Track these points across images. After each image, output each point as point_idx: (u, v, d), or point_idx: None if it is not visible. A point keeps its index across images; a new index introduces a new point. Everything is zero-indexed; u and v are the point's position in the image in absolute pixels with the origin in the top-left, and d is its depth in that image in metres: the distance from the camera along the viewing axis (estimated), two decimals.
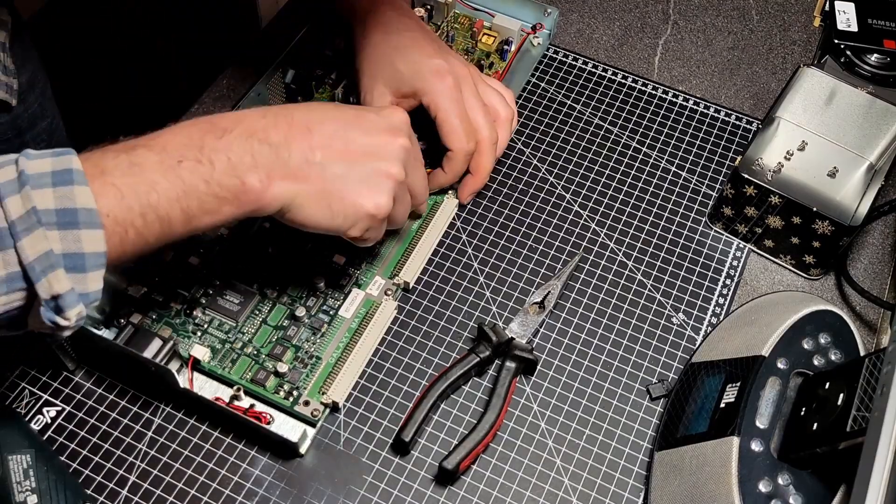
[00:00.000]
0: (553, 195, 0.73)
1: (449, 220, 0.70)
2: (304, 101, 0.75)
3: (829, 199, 0.64)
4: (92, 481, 0.57)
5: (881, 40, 0.74)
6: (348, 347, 0.62)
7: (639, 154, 0.76)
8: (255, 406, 0.59)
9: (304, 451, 0.59)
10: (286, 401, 0.59)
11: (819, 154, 0.66)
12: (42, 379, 0.61)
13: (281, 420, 0.59)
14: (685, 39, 0.85)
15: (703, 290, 0.68)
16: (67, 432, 0.59)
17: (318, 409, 0.59)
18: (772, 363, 0.56)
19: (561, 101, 0.79)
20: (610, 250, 0.70)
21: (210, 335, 0.62)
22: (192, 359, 0.60)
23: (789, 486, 0.52)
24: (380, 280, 0.65)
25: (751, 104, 0.80)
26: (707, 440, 0.55)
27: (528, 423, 0.61)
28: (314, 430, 0.59)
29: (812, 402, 0.54)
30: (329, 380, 0.60)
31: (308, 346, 0.62)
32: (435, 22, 0.79)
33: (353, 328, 0.63)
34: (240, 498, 0.57)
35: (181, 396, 0.60)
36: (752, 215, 0.68)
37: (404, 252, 0.67)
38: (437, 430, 0.60)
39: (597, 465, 0.59)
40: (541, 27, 0.81)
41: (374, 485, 0.58)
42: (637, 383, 0.63)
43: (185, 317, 0.63)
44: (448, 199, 0.70)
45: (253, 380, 0.60)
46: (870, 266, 0.71)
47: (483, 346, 0.61)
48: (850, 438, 0.49)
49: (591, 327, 0.65)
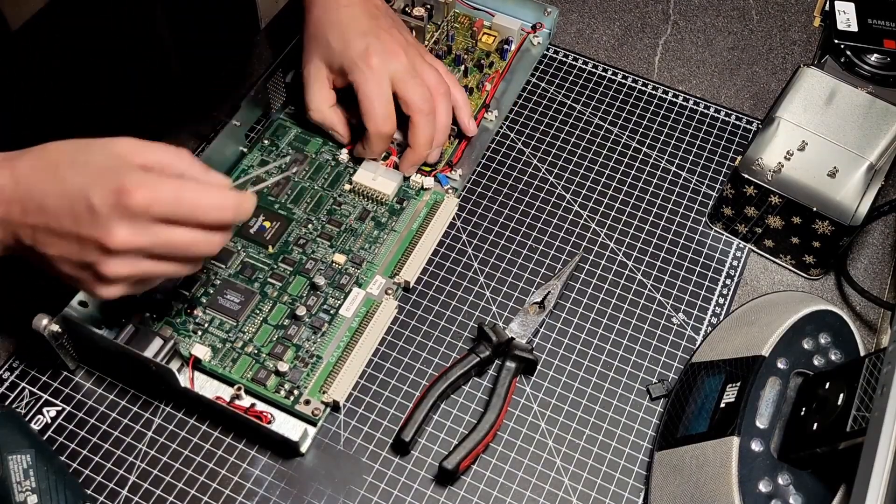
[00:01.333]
0: (553, 195, 0.73)
1: (449, 219, 0.70)
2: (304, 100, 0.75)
3: (829, 199, 0.64)
4: (92, 481, 0.57)
5: (881, 40, 0.74)
6: (349, 346, 0.62)
7: (639, 154, 0.76)
8: (256, 405, 0.59)
9: (305, 451, 0.59)
10: (287, 400, 0.59)
11: (819, 154, 0.66)
12: (42, 379, 0.61)
13: (282, 419, 0.59)
14: (685, 39, 0.85)
15: (703, 290, 0.68)
16: (67, 432, 0.59)
17: (319, 408, 0.59)
18: (772, 363, 0.56)
19: (561, 101, 0.79)
20: (610, 250, 0.70)
21: (211, 334, 0.62)
22: (192, 358, 0.60)
23: (789, 486, 0.52)
24: (380, 279, 0.65)
25: (751, 104, 0.80)
26: (707, 440, 0.55)
27: (528, 423, 0.61)
28: (315, 429, 0.59)
29: (812, 402, 0.54)
30: (330, 379, 0.60)
31: (309, 346, 0.62)
32: (435, 21, 0.79)
33: (353, 327, 0.63)
34: (240, 498, 0.57)
35: (182, 396, 0.60)
36: (752, 215, 0.68)
37: (404, 252, 0.67)
38: (437, 430, 0.60)
39: (597, 465, 0.59)
40: (541, 27, 0.81)
41: (374, 485, 0.58)
42: (637, 383, 0.63)
43: (185, 316, 0.63)
44: (448, 199, 0.70)
45: (254, 379, 0.60)
46: (870, 266, 0.71)
47: (483, 346, 0.61)
48: (850, 438, 0.49)
49: (591, 327, 0.65)
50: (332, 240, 0.67)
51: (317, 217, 0.69)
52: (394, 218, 0.69)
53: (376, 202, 0.70)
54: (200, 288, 0.64)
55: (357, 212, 0.69)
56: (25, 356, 0.62)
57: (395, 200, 0.70)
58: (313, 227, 0.68)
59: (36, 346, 0.62)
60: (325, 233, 0.68)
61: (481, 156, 0.74)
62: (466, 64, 0.78)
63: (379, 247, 0.67)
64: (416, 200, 0.70)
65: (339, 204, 0.70)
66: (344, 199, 0.70)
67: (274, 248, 0.66)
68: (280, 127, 0.74)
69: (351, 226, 0.68)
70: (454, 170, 0.72)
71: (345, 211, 0.69)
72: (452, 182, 0.72)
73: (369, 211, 0.69)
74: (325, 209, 0.69)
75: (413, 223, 0.69)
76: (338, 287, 0.65)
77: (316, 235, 0.67)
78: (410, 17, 0.76)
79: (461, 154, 0.73)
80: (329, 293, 0.64)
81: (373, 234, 0.68)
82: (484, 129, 0.75)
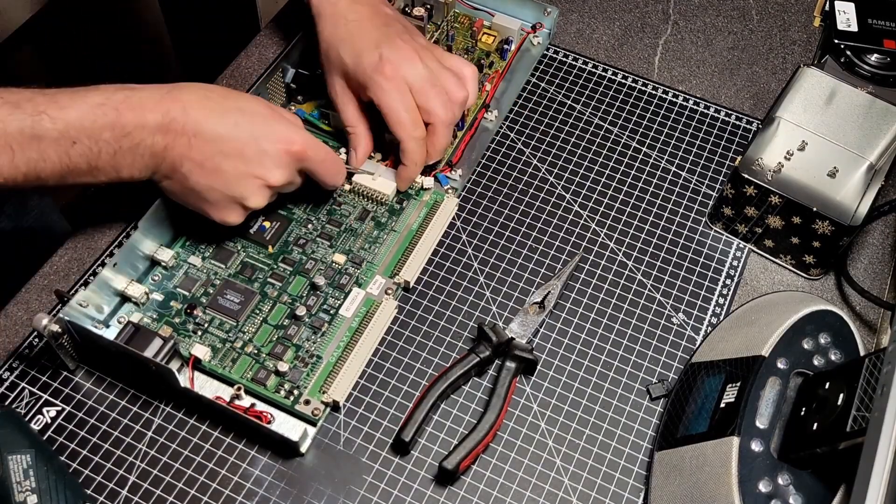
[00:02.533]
0: (553, 195, 0.73)
1: (449, 219, 0.70)
2: (305, 101, 0.75)
3: (829, 199, 0.64)
4: (92, 481, 0.57)
5: (881, 40, 0.74)
6: (349, 346, 0.62)
7: (639, 154, 0.76)
8: (256, 405, 0.59)
9: (305, 450, 0.59)
10: (287, 400, 0.59)
11: (819, 154, 0.66)
12: (42, 379, 0.61)
13: (281, 419, 0.59)
14: (685, 39, 0.85)
15: (703, 290, 0.68)
16: (67, 432, 0.59)
17: (319, 408, 0.59)
18: (772, 363, 0.56)
19: (561, 101, 0.79)
20: (610, 250, 0.70)
21: (210, 334, 0.62)
22: (192, 358, 0.60)
23: (789, 486, 0.52)
24: (380, 279, 0.66)
25: (751, 104, 0.80)
26: (707, 440, 0.55)
27: (528, 423, 0.61)
28: (315, 429, 0.59)
29: (812, 402, 0.54)
30: (330, 379, 0.60)
31: (309, 346, 0.62)
32: (435, 21, 0.79)
33: (353, 327, 0.63)
34: (240, 498, 0.57)
35: (182, 396, 0.60)
36: (752, 215, 0.68)
37: (404, 252, 0.67)
38: (437, 430, 0.60)
39: (597, 465, 0.59)
40: (541, 27, 0.81)
41: (374, 485, 0.58)
42: (637, 383, 0.63)
43: (185, 316, 0.63)
44: (448, 199, 0.70)
45: (253, 379, 0.60)
46: (870, 266, 0.71)
47: (483, 346, 0.61)
48: (850, 438, 0.49)
49: (591, 327, 0.65)
50: (331, 240, 0.67)
51: (317, 217, 0.69)
52: (393, 218, 0.69)
53: (376, 202, 0.70)
54: (200, 288, 0.64)
55: (357, 212, 0.69)
56: (25, 356, 0.62)
57: (394, 200, 0.70)
58: (313, 227, 0.68)
59: (36, 346, 0.62)
60: (324, 233, 0.68)
61: (481, 156, 0.74)
62: None
63: (379, 247, 0.67)
64: (415, 201, 0.70)
65: (339, 204, 0.70)
66: (344, 199, 0.70)
67: (274, 248, 0.66)
68: None
69: (351, 226, 0.68)
70: (454, 170, 0.72)
71: (344, 211, 0.69)
72: (452, 182, 0.72)
73: (369, 211, 0.69)
74: (325, 209, 0.69)
75: (413, 223, 0.69)
76: (338, 287, 0.65)
77: (316, 235, 0.67)
78: (410, 17, 0.76)
79: (461, 154, 0.73)
80: (329, 293, 0.64)
81: (373, 234, 0.68)
82: (484, 129, 0.75)
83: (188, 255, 0.66)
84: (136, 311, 0.63)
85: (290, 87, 0.75)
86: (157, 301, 0.63)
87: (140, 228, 0.63)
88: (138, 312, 0.63)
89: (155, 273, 0.65)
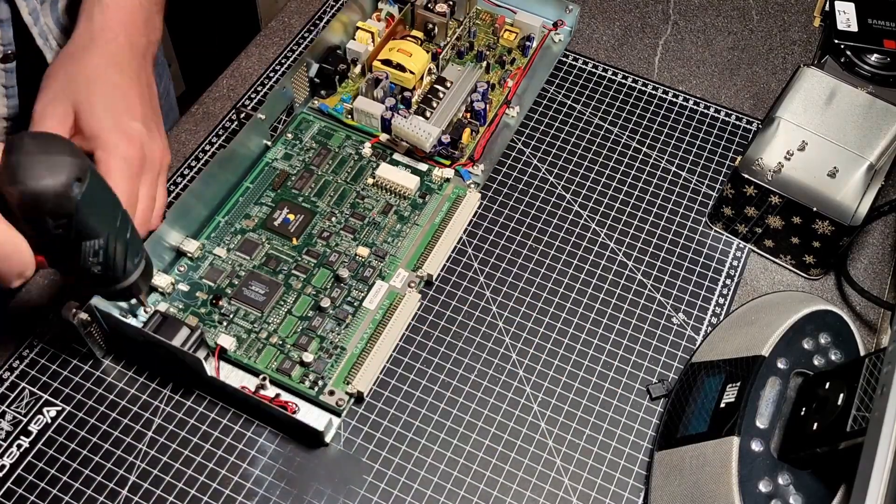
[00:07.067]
0: (553, 195, 0.73)
1: (471, 214, 0.70)
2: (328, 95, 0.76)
3: (829, 199, 0.64)
4: (92, 481, 0.57)
5: (881, 40, 0.74)
6: (373, 338, 0.62)
7: (639, 154, 0.76)
8: (281, 395, 0.60)
9: (329, 440, 0.59)
10: (311, 390, 0.60)
11: (819, 154, 0.66)
12: (42, 379, 0.61)
13: (306, 409, 0.59)
14: (685, 39, 0.85)
15: (703, 290, 0.68)
16: (67, 432, 0.59)
17: (343, 399, 0.59)
18: (772, 363, 0.56)
19: (561, 101, 0.79)
20: (610, 250, 0.70)
21: (236, 325, 0.62)
22: (218, 348, 0.60)
23: (789, 486, 0.52)
24: (403, 273, 0.66)
25: (751, 104, 0.80)
26: (707, 440, 0.55)
27: (528, 423, 0.61)
28: (339, 419, 0.60)
29: (812, 402, 0.54)
30: (354, 370, 0.60)
31: (333, 337, 0.62)
32: (457, 17, 0.79)
33: (377, 319, 0.63)
34: (240, 498, 0.57)
35: (207, 385, 0.60)
36: (752, 215, 0.68)
37: (427, 245, 0.67)
38: (438, 429, 0.60)
39: (597, 465, 0.59)
40: (562, 24, 0.81)
41: (374, 485, 0.58)
42: (637, 383, 0.63)
43: (210, 306, 0.63)
44: (470, 193, 0.70)
45: (278, 369, 0.60)
46: (870, 266, 0.71)
47: None
48: (850, 438, 0.49)
49: (592, 327, 0.65)
50: (355, 233, 0.68)
51: (340, 210, 0.69)
52: (416, 212, 0.69)
53: (399, 196, 0.70)
54: (226, 279, 0.64)
55: (380, 205, 0.69)
56: (25, 356, 0.62)
57: (417, 195, 0.70)
58: (337, 220, 0.68)
59: (35, 346, 0.62)
60: (348, 226, 0.68)
61: (500, 153, 0.74)
62: (488, 60, 0.78)
63: (402, 240, 0.68)
64: (438, 195, 0.71)
65: (363, 198, 0.70)
66: (367, 193, 0.70)
67: (298, 240, 0.67)
68: (304, 121, 0.75)
69: (374, 219, 0.69)
70: (476, 164, 0.72)
71: (368, 204, 0.70)
72: (474, 177, 0.72)
73: (392, 205, 0.70)
74: (349, 202, 0.70)
75: (435, 217, 0.69)
76: (361, 279, 0.65)
77: (339, 228, 0.68)
78: (433, 14, 0.76)
79: (482, 149, 0.73)
80: (353, 285, 0.65)
81: (395, 227, 0.68)
82: (505, 126, 0.76)
83: (213, 247, 0.66)
84: (162, 300, 0.63)
85: (313, 82, 0.75)
86: (182, 291, 0.64)
87: (166, 219, 0.63)
88: (164, 302, 0.63)
89: (181, 264, 0.65)
